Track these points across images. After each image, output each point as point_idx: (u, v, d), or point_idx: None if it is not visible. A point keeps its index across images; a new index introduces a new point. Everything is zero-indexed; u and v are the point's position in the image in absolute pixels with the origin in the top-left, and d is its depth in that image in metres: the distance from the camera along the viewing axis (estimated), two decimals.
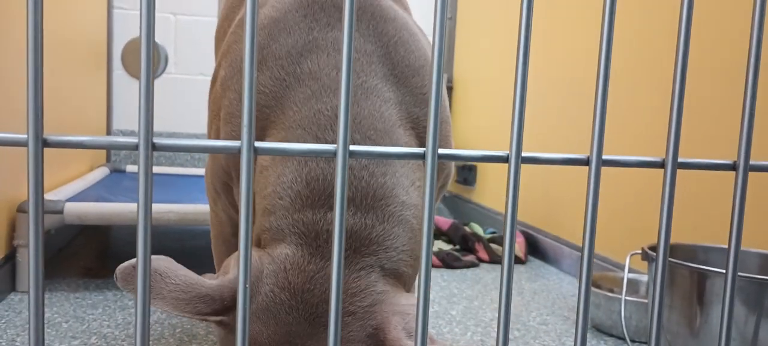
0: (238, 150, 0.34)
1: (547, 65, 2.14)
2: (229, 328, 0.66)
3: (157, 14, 2.66)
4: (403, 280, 0.71)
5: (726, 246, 1.12)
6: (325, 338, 0.65)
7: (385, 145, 0.75)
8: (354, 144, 0.73)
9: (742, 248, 1.13)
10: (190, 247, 2.05)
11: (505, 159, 0.39)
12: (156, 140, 0.34)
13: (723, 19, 1.40)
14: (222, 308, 0.65)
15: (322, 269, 0.67)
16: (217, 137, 0.88)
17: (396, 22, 0.82)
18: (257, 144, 0.35)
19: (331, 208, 0.70)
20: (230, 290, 0.65)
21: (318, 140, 0.75)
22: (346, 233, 0.68)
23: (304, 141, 0.75)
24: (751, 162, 0.43)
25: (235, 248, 0.99)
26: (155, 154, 2.72)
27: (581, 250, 0.41)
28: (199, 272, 0.80)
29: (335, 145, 0.36)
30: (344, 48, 0.34)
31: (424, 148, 0.37)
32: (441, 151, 0.38)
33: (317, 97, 0.78)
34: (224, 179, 0.88)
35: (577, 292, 1.68)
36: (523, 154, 0.40)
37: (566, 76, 2.03)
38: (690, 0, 0.41)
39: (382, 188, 0.71)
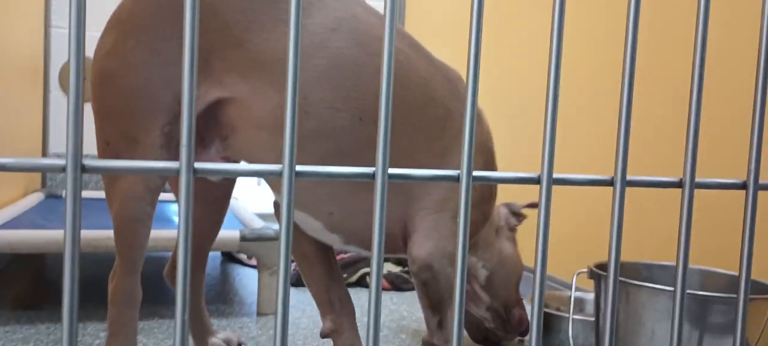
0: (177, 172, 0.32)
1: (498, 84, 2.17)
2: None
3: (96, 33, 2.58)
4: None
5: (668, 263, 1.15)
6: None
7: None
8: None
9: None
10: None
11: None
12: (86, 162, 0.31)
13: (670, 41, 1.44)
14: None
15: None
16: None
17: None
18: (198, 165, 0.33)
19: None
20: None
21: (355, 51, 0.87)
22: None
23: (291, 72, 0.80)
24: (697, 179, 0.43)
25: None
26: (95, 177, 2.62)
27: (534, 268, 0.40)
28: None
29: (281, 166, 0.34)
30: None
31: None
32: (475, 173, 0.37)
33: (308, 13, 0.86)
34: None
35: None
36: (474, 173, 0.40)
37: (517, 94, 2.07)
38: (635, 22, 0.41)
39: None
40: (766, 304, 0.90)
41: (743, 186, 0.44)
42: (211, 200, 1.06)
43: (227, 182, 1.04)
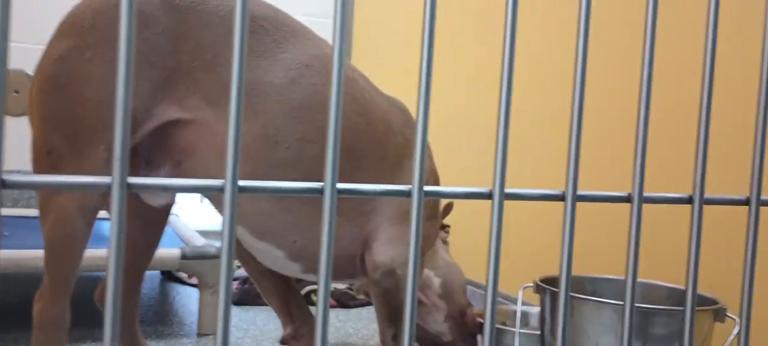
0: (109, 187, 0.30)
1: (448, 100, 2.19)
2: None
3: (30, 46, 2.47)
4: None
5: (612, 276, 1.17)
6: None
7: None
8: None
9: (622, 278, 1.18)
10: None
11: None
12: (6, 177, 0.29)
13: (619, 57, 1.48)
14: None
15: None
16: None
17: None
18: (132, 180, 0.31)
19: None
20: None
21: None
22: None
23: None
24: (645, 194, 0.43)
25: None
26: (26, 194, 2.50)
27: (486, 284, 0.39)
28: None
29: (222, 181, 0.32)
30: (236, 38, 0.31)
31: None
32: (427, 188, 0.36)
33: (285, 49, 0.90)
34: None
35: None
36: (426, 188, 0.39)
37: (467, 110, 2.09)
38: (585, 37, 0.41)
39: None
40: (707, 316, 0.92)
41: (689, 200, 0.44)
42: (148, 218, 1.01)
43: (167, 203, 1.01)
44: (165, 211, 1.03)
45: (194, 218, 2.68)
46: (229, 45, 0.85)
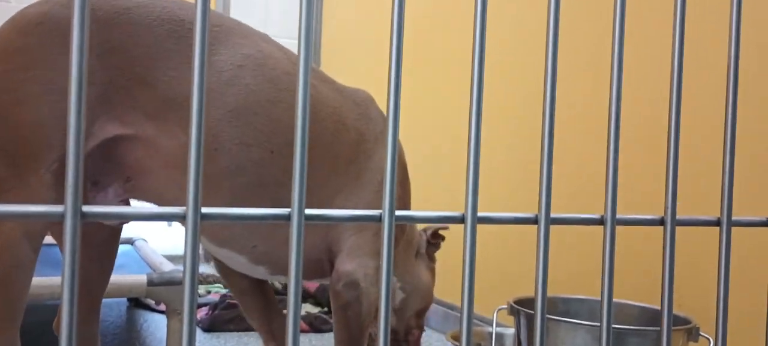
0: (61, 216, 0.28)
1: (419, 120, 2.19)
2: None
3: None
4: None
5: (585, 296, 1.17)
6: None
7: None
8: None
9: (595, 298, 1.18)
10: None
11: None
12: None
13: (589, 79, 1.50)
14: None
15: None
16: None
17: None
18: (86, 208, 0.29)
19: None
20: None
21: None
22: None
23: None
24: (618, 216, 0.43)
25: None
26: None
27: (461, 307, 0.38)
28: None
29: (184, 208, 0.31)
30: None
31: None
32: (398, 213, 0.35)
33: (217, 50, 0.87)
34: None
35: None
36: (397, 213, 0.38)
37: (438, 131, 2.09)
38: (554, 60, 0.41)
39: None
40: (680, 335, 0.93)
41: (661, 222, 0.44)
42: (98, 243, 0.97)
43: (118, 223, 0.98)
44: (115, 233, 0.99)
45: (162, 242, 2.63)
46: (160, 56, 0.82)
